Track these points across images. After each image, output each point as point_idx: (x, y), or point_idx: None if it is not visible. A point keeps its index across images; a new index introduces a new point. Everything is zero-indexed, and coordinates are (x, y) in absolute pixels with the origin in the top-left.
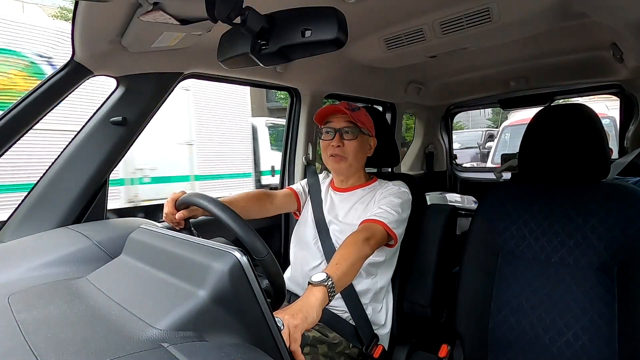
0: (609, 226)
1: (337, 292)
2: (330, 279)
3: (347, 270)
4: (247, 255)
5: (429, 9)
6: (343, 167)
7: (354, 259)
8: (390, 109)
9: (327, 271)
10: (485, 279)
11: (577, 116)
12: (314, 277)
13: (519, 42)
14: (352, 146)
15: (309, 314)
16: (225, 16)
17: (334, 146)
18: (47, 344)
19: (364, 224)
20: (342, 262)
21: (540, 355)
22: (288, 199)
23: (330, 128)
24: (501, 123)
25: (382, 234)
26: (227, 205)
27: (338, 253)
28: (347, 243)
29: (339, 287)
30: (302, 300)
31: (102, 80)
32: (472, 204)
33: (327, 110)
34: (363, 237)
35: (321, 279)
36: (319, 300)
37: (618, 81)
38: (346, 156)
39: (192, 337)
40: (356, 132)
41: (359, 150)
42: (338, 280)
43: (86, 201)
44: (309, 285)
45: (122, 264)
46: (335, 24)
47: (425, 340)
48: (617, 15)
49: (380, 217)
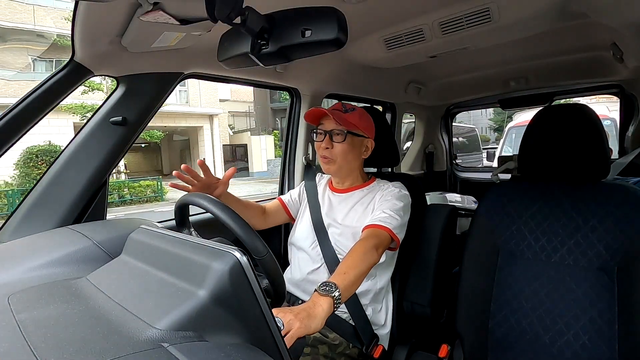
0: (609, 226)
1: (342, 303)
2: (338, 290)
3: (355, 280)
4: (247, 255)
5: (429, 9)
6: (332, 168)
7: (362, 269)
8: (390, 109)
9: (334, 280)
10: (485, 279)
11: (577, 116)
12: (322, 285)
13: (519, 42)
14: (340, 148)
15: (312, 322)
16: (225, 16)
17: (323, 148)
18: (47, 344)
19: (370, 230)
20: (350, 272)
21: (540, 355)
22: (276, 210)
23: (321, 130)
24: (506, 124)
25: (388, 239)
26: (226, 205)
27: (347, 261)
28: (356, 251)
29: (344, 297)
30: (309, 307)
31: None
32: (472, 204)
33: (316, 112)
34: (372, 245)
35: (328, 289)
36: (325, 312)
37: (618, 81)
38: (334, 158)
39: (192, 337)
40: (345, 134)
41: (348, 152)
42: (344, 290)
43: (86, 201)
44: (315, 292)
45: (122, 264)
46: (335, 24)
47: (425, 340)
48: (617, 15)
49: (385, 223)
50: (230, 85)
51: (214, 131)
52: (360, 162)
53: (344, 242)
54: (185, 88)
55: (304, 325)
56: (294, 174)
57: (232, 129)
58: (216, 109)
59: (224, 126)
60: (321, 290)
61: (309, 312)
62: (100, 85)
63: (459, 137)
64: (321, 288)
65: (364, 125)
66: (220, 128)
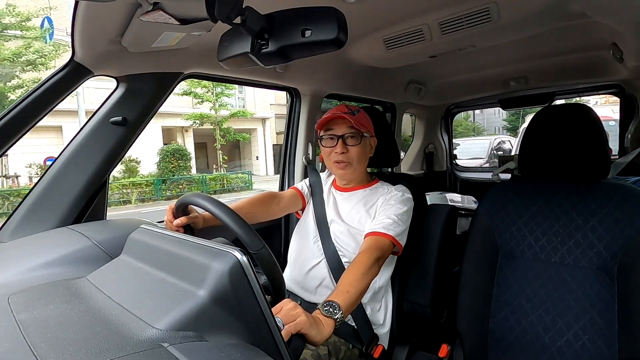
0: (609, 226)
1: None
2: (341, 312)
3: (356, 299)
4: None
5: (429, 9)
6: (348, 172)
7: (364, 287)
8: (390, 109)
9: (337, 300)
10: (485, 279)
11: (577, 116)
12: (325, 305)
13: (519, 42)
14: (356, 151)
15: (315, 330)
16: (225, 16)
17: (337, 153)
18: (47, 344)
19: (373, 238)
20: (352, 290)
21: (540, 355)
22: (294, 198)
23: (333, 135)
24: (520, 125)
25: (390, 247)
26: (221, 202)
27: (349, 278)
28: (358, 266)
29: (345, 316)
30: (315, 318)
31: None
32: (472, 204)
33: (329, 117)
34: (374, 259)
35: (332, 312)
36: (329, 333)
37: (618, 81)
38: (351, 162)
39: (192, 337)
40: (359, 137)
41: (362, 155)
42: (346, 310)
43: (86, 201)
44: (318, 310)
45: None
46: (335, 24)
47: (425, 340)
48: (617, 15)
49: (389, 230)
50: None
51: (265, 132)
52: (367, 162)
53: (344, 239)
54: (243, 95)
55: (309, 324)
56: (294, 174)
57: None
58: (268, 113)
59: (273, 128)
60: (324, 311)
61: (315, 319)
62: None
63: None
64: (324, 308)
65: (369, 125)
66: (270, 130)
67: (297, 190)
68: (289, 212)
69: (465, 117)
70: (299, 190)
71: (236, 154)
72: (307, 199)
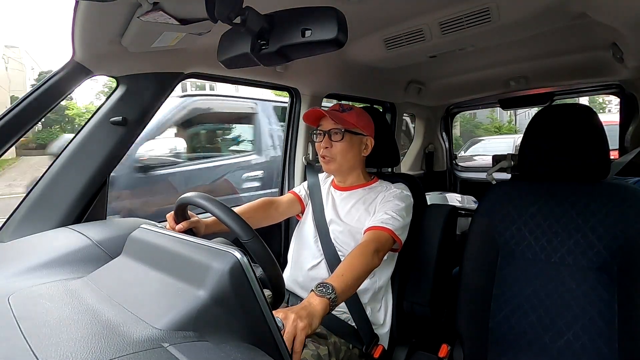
0: (609, 226)
1: (338, 304)
2: (334, 292)
3: (352, 283)
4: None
5: (429, 9)
6: (332, 167)
7: (360, 272)
8: (390, 109)
9: (331, 282)
10: (485, 279)
11: (577, 116)
12: (318, 285)
13: (519, 42)
14: (338, 147)
15: (313, 322)
16: (225, 16)
17: (323, 147)
18: (47, 344)
19: (372, 232)
20: (348, 274)
21: (540, 355)
22: (292, 203)
23: (320, 130)
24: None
25: (390, 241)
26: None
27: (345, 263)
28: (356, 254)
29: (341, 299)
30: (307, 305)
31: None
32: (472, 204)
33: (314, 113)
34: (373, 249)
35: (325, 291)
36: (323, 311)
37: (618, 81)
38: (334, 157)
39: (192, 337)
40: (342, 132)
41: (347, 151)
42: (341, 293)
43: (86, 201)
44: (312, 291)
45: (122, 264)
46: (335, 24)
47: (425, 340)
48: (617, 15)
49: (387, 224)
50: None
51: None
52: (360, 160)
53: (344, 239)
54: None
55: (307, 324)
56: (294, 174)
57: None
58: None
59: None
60: (317, 291)
61: (308, 310)
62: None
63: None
64: (318, 289)
65: (362, 124)
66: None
67: (295, 194)
68: (288, 216)
69: (492, 117)
70: (297, 194)
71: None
72: (305, 202)
